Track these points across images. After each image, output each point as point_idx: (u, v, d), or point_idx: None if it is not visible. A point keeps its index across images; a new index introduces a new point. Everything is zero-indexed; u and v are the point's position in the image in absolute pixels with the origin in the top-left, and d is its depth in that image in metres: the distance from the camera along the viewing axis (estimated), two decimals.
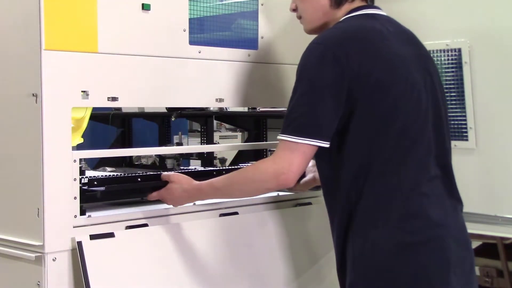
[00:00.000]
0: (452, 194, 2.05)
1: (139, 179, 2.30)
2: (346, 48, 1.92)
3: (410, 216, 1.93)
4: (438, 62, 2.72)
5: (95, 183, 2.19)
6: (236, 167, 2.71)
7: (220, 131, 7.37)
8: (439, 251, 1.93)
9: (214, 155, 3.98)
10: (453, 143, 2.67)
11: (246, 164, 2.86)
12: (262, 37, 2.60)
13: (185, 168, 3.08)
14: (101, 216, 2.15)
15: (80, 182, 2.13)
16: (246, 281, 2.40)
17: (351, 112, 1.93)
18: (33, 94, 2.00)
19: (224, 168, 2.65)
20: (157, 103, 2.34)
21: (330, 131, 1.93)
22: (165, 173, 2.27)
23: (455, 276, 1.95)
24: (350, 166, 1.96)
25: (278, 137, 1.97)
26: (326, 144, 1.93)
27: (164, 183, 2.25)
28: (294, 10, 2.21)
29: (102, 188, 2.18)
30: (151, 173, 2.37)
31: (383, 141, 1.94)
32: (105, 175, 2.35)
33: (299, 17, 2.21)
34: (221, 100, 2.46)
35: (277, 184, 1.97)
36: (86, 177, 2.22)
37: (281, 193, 2.63)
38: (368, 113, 1.93)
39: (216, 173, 2.47)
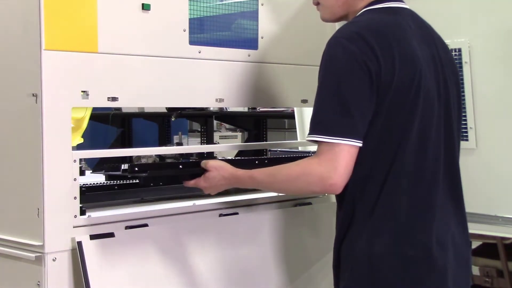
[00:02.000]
0: (457, 205, 2.02)
1: (180, 166, 2.27)
2: (370, 43, 1.85)
3: (414, 229, 1.90)
4: None
5: (136, 169, 2.17)
6: (277, 156, 2.66)
7: (220, 131, 7.38)
8: (438, 267, 1.91)
9: (214, 155, 3.97)
10: None
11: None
12: (262, 37, 2.60)
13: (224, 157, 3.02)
14: (101, 216, 2.16)
15: (120, 170, 2.12)
16: (246, 281, 2.40)
17: (374, 111, 1.87)
18: (33, 94, 2.00)
19: (265, 157, 2.60)
20: (157, 103, 2.34)
21: (365, 129, 1.86)
22: (204, 160, 2.23)
23: (453, 283, 1.94)
24: (362, 169, 1.90)
25: (314, 138, 1.86)
26: (361, 144, 1.86)
27: (203, 170, 2.21)
28: None
29: (145, 174, 2.16)
30: (192, 159, 2.35)
31: (396, 148, 1.89)
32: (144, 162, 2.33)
33: (317, 3, 2.14)
34: (221, 100, 2.46)
35: (323, 189, 1.89)
36: (125, 164, 2.21)
37: (281, 194, 2.63)
38: (388, 116, 1.87)
39: (258, 163, 2.43)
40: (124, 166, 2.18)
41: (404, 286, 1.88)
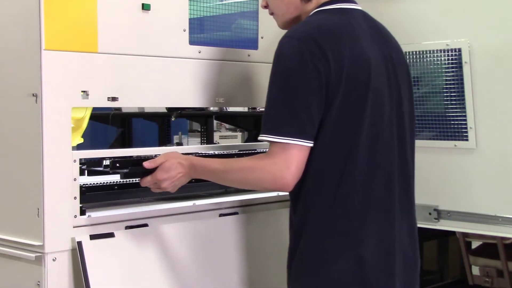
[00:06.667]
0: (408, 206, 2.04)
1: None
2: (320, 44, 1.87)
3: (369, 230, 1.92)
4: (438, 62, 2.72)
5: (118, 165, 2.16)
6: (233, 152, 2.68)
7: (220, 131, 7.37)
8: (388, 269, 1.94)
9: None
10: (453, 143, 2.69)
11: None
12: (262, 37, 2.60)
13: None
14: (101, 216, 2.15)
15: (102, 165, 2.11)
16: (246, 280, 2.40)
17: (325, 113, 1.89)
18: (33, 94, 2.00)
19: (224, 153, 2.62)
20: (157, 103, 2.34)
21: (314, 130, 1.88)
22: (152, 160, 2.08)
23: (400, 284, 1.97)
24: (316, 170, 1.92)
25: (267, 138, 1.89)
26: (311, 144, 1.89)
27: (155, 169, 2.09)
28: (266, 7, 2.17)
29: (126, 170, 2.15)
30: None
31: (349, 149, 1.91)
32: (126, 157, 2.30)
33: (271, 13, 2.17)
34: (221, 100, 2.46)
35: (274, 187, 1.92)
36: (107, 158, 2.21)
37: (281, 193, 2.63)
38: (339, 117, 1.89)
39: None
40: (106, 162, 2.18)
41: (357, 287, 1.90)
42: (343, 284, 1.90)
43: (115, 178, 2.47)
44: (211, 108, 4.92)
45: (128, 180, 2.39)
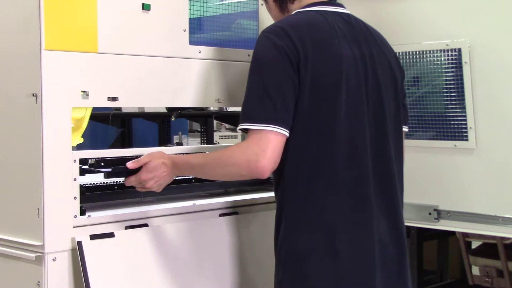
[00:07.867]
0: (388, 204, 2.05)
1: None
2: (291, 37, 1.94)
3: (343, 226, 1.94)
4: (438, 62, 2.72)
5: (102, 164, 2.17)
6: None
7: (220, 131, 7.37)
8: (366, 264, 1.95)
9: None
10: (453, 143, 2.69)
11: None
12: None
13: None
14: (101, 216, 2.15)
15: (86, 163, 2.12)
16: (246, 281, 2.40)
17: (297, 106, 1.94)
18: (33, 94, 2.00)
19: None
20: (157, 103, 2.34)
21: (289, 117, 1.93)
22: (135, 160, 2.13)
23: (380, 279, 1.98)
24: (291, 165, 1.96)
25: (243, 126, 1.93)
26: (286, 132, 1.92)
27: (139, 169, 2.13)
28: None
29: (109, 169, 2.16)
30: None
31: (323, 146, 1.94)
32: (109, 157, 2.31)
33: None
34: (221, 100, 2.46)
35: (250, 172, 1.92)
36: (92, 158, 2.21)
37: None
38: (310, 114, 1.93)
39: None
40: (91, 161, 2.19)
41: (331, 281, 1.92)
42: (318, 278, 1.92)
43: (99, 177, 2.46)
44: (211, 108, 4.92)
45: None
